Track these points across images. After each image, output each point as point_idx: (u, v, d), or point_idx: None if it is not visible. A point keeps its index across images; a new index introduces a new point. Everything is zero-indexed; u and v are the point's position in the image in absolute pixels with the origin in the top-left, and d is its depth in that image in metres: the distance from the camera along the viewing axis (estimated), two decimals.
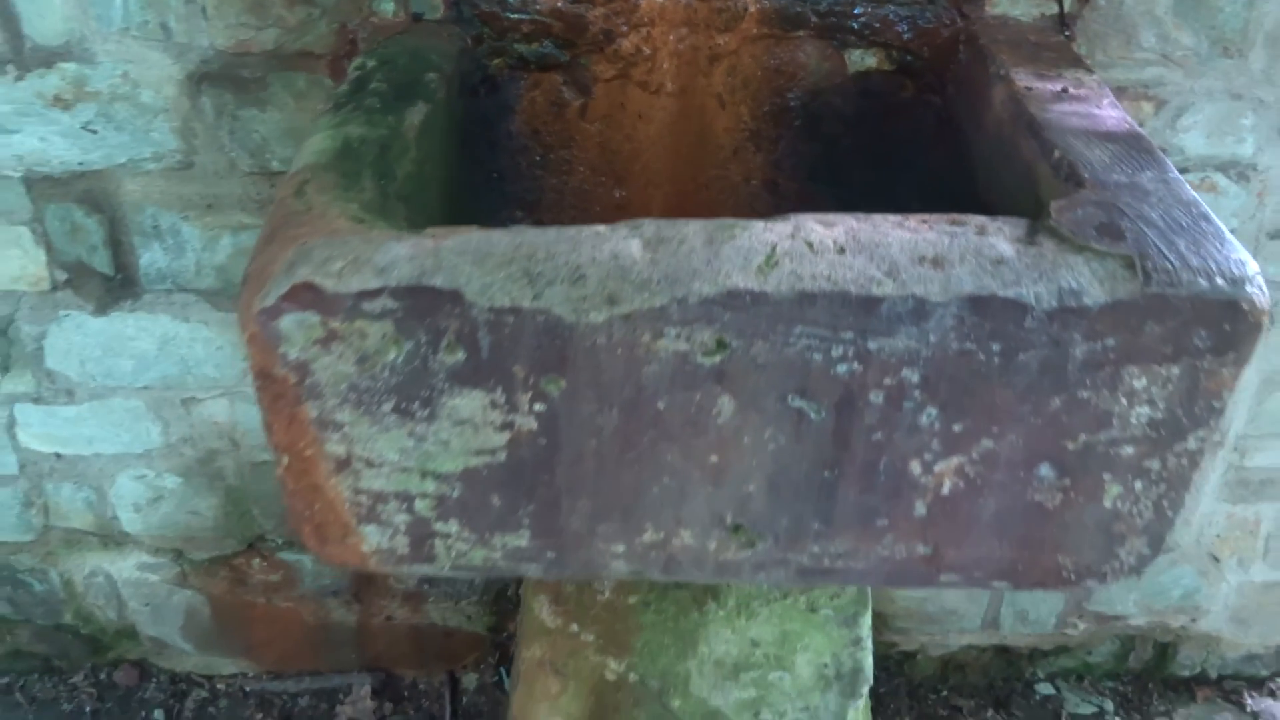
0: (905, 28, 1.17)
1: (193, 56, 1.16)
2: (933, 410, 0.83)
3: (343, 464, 0.87)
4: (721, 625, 1.28)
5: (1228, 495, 1.53)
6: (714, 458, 0.86)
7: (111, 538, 1.58)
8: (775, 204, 1.27)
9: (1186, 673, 1.76)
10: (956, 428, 0.84)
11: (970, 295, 0.77)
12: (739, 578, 0.96)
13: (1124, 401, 0.82)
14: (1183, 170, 1.24)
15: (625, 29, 1.18)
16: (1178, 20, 1.14)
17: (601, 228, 0.82)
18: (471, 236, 0.81)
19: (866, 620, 1.28)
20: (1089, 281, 0.78)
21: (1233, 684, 1.76)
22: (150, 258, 1.31)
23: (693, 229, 0.81)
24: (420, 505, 0.90)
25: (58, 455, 1.50)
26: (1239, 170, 1.24)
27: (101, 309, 1.36)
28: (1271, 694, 1.76)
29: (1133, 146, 0.94)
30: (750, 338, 0.79)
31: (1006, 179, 1.03)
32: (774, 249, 0.80)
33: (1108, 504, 0.89)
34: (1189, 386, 0.81)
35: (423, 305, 0.78)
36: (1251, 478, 1.52)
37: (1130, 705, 1.74)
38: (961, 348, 0.79)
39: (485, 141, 1.22)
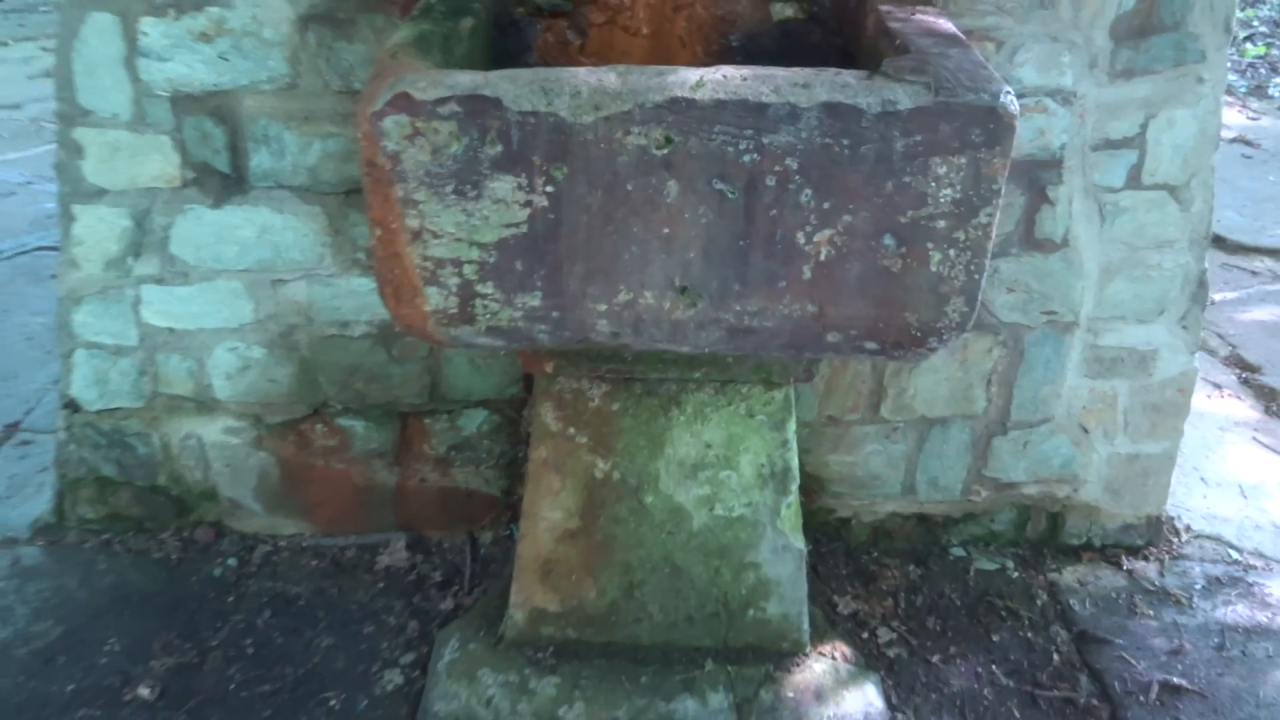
0: None
1: (304, 2, 1.63)
2: (809, 191, 1.25)
3: (416, 235, 1.30)
4: (683, 430, 1.68)
5: (1087, 371, 1.94)
6: (665, 230, 1.29)
7: (205, 404, 1.98)
8: None
9: (1075, 541, 2.14)
10: (825, 205, 1.26)
11: (826, 102, 1.21)
12: (686, 338, 1.37)
13: (933, 185, 1.25)
14: (1020, 96, 1.68)
15: None
16: None
17: (589, 70, 1.26)
18: (508, 70, 1.25)
19: (791, 425, 1.68)
20: (902, 95, 1.22)
21: (1113, 551, 2.14)
22: (258, 160, 1.75)
23: (651, 67, 1.25)
24: (467, 270, 1.32)
25: (170, 329, 1.91)
26: (1063, 96, 1.69)
27: (218, 203, 1.79)
28: (1145, 558, 2.14)
29: (950, 40, 1.38)
30: (686, 134, 1.22)
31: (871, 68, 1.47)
32: (702, 77, 1.24)
33: (933, 268, 1.31)
34: (974, 172, 1.24)
35: (475, 109, 1.21)
36: (1105, 355, 1.93)
37: (1027, 565, 2.11)
38: (823, 141, 1.23)
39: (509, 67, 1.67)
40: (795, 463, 1.69)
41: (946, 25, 1.45)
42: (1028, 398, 1.94)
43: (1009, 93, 1.22)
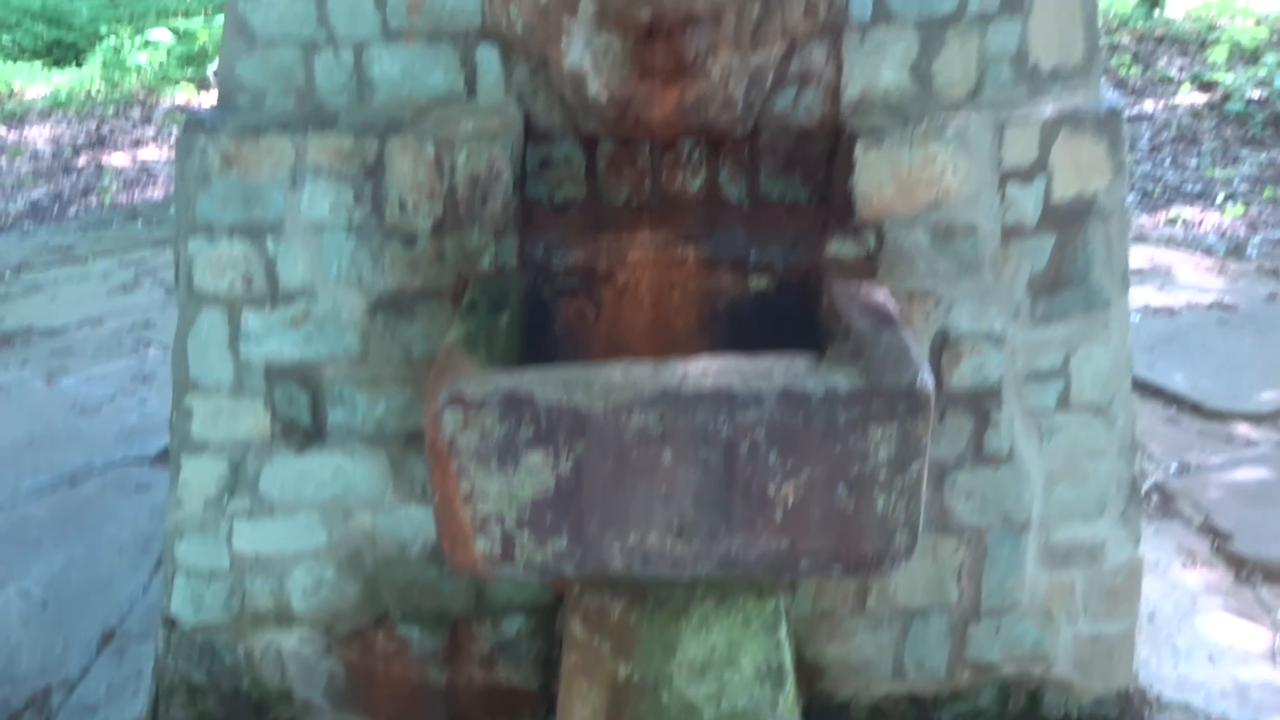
0: (781, 264, 2.02)
1: (374, 293, 2.03)
2: (774, 453, 1.60)
3: (468, 497, 1.65)
4: (691, 636, 1.97)
5: (1045, 563, 2.22)
6: (664, 487, 1.63)
7: (284, 617, 2.31)
8: None
9: (1054, 715, 2.36)
10: (789, 463, 1.60)
11: (782, 390, 1.56)
12: (685, 568, 1.69)
13: (872, 446, 1.59)
14: (958, 340, 2.03)
15: (620, 270, 2.04)
16: (935, 253, 1.97)
17: (599, 366, 1.63)
18: (538, 371, 1.62)
19: (783, 628, 1.97)
20: (841, 380, 1.57)
21: None
22: (334, 416, 2.13)
23: (649, 364, 1.62)
24: (508, 522, 1.66)
25: (256, 555, 2.26)
26: (994, 339, 2.04)
27: (300, 450, 2.17)
28: None
29: (884, 320, 1.74)
30: (676, 415, 1.58)
31: (826, 342, 1.84)
32: (687, 371, 1.60)
33: (879, 510, 1.63)
34: (903, 435, 1.58)
35: (513, 402, 1.58)
36: (1058, 549, 2.21)
37: None
38: (783, 418, 1.57)
39: (540, 337, 2.06)
40: (789, 660, 1.98)
41: (885, 303, 1.81)
42: (994, 588, 2.22)
43: (925, 376, 1.57)
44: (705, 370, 1.61)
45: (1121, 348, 2.07)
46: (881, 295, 1.85)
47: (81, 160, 7.57)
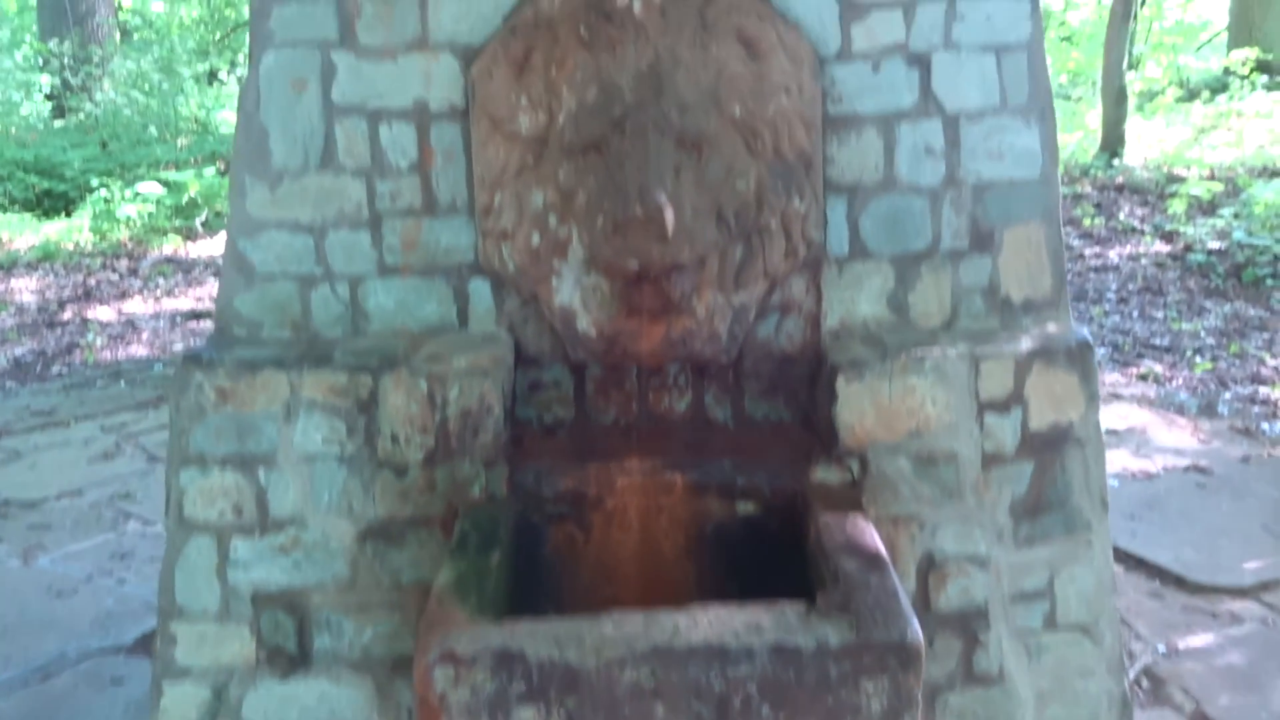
0: (767, 489, 2.05)
1: (363, 522, 2.05)
2: (766, 707, 1.60)
3: None
4: None
5: None
6: None
7: None
8: (700, 590, 2.08)
9: None
10: (781, 717, 1.60)
11: (774, 644, 1.57)
12: None
13: (864, 698, 1.59)
14: (944, 561, 2.06)
15: (608, 495, 2.07)
16: (918, 479, 2.02)
17: (590, 619, 1.63)
18: (529, 624, 1.63)
19: None
20: (831, 634, 1.58)
21: None
22: (320, 641, 2.11)
23: (640, 616, 1.63)
24: None
25: None
26: (979, 561, 2.06)
27: (285, 676, 2.14)
28: None
29: (872, 563, 1.77)
30: (669, 670, 1.58)
31: (815, 580, 1.85)
32: (678, 625, 1.61)
33: None
34: (894, 687, 1.59)
35: (504, 659, 1.58)
36: None
37: None
38: (774, 671, 1.58)
39: (532, 560, 2.07)
40: None
41: (872, 542, 1.84)
42: None
43: (915, 629, 1.59)
44: (696, 623, 1.62)
45: (1105, 567, 2.10)
46: (868, 534, 1.88)
47: (67, 314, 7.63)
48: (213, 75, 13.85)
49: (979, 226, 2.05)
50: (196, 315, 7.45)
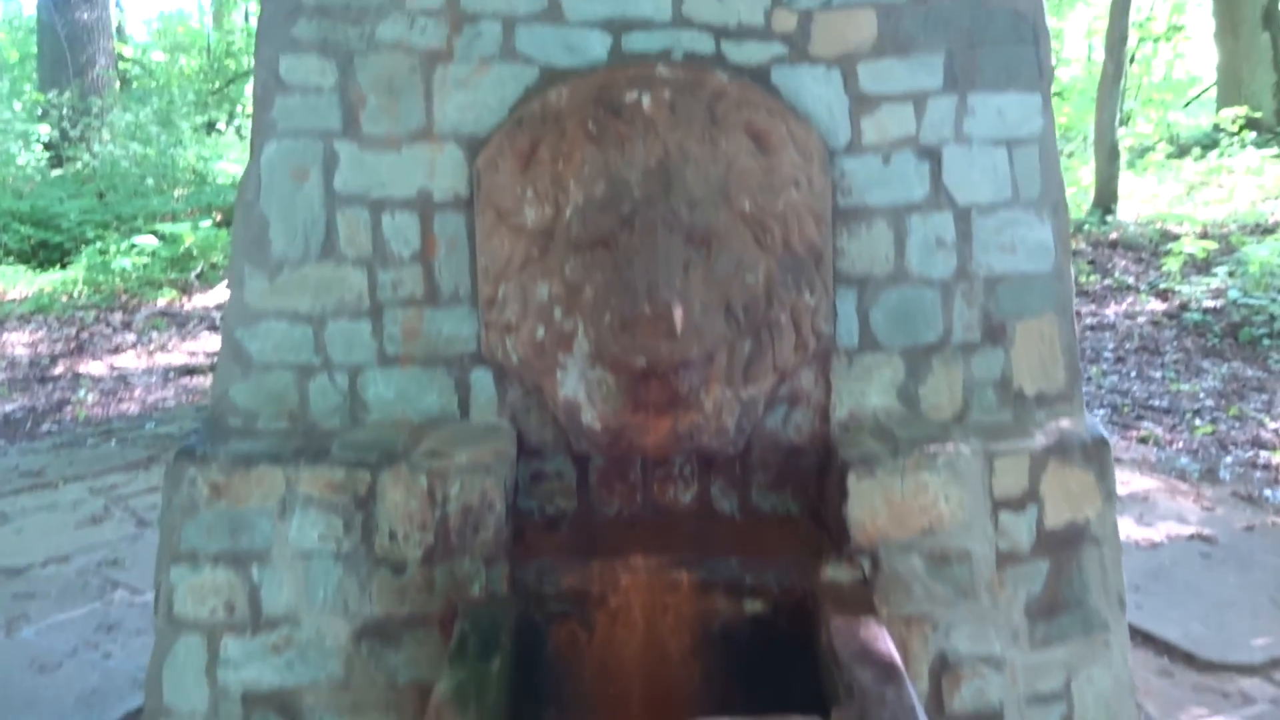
0: (776, 587, 2.00)
1: (359, 620, 1.98)
2: None
3: None
4: None
5: None
6: None
7: None
8: (707, 690, 2.01)
9: None
10: None
11: None
12: None
13: None
14: (958, 663, 2.00)
15: (613, 593, 2.01)
16: (931, 579, 1.96)
17: None
18: None
19: None
20: None
21: None
22: None
23: None
24: None
25: None
26: (994, 662, 2.00)
27: None
28: None
29: (888, 674, 1.71)
30: None
31: (827, 684, 1.79)
32: None
33: None
34: None
35: None
36: None
37: None
38: None
39: (533, 659, 2.00)
40: None
41: (885, 648, 1.78)
42: None
43: None
44: None
45: (1123, 669, 2.04)
46: (882, 639, 1.82)
47: (59, 369, 7.56)
48: (211, 126, 13.91)
49: (991, 319, 2.02)
50: (190, 370, 7.40)
